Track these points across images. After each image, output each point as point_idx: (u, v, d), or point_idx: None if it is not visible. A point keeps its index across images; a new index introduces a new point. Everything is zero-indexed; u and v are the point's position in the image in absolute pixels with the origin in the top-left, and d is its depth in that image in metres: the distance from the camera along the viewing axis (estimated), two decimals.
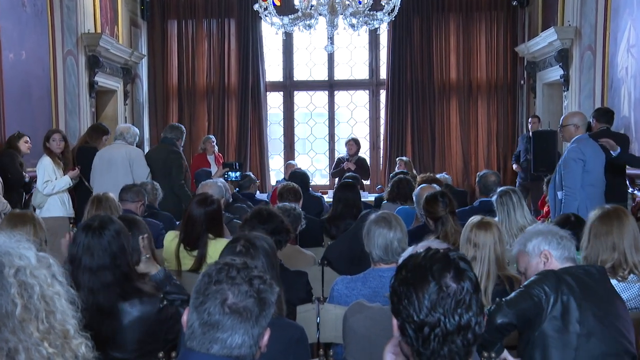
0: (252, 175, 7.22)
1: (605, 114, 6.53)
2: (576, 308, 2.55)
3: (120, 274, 2.67)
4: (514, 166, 9.55)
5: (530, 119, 9.30)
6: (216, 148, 9.33)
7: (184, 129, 7.20)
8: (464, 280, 1.55)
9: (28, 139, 6.29)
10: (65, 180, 6.14)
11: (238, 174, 6.77)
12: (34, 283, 1.41)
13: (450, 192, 4.73)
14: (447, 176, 8.14)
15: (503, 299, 2.69)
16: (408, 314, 1.54)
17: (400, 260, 2.44)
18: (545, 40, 8.90)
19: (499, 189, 4.75)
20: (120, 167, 6.31)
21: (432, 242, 2.58)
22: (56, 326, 1.43)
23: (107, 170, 6.32)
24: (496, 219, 4.55)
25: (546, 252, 2.78)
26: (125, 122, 9.67)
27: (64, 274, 1.51)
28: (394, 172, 8.20)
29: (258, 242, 2.59)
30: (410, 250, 2.49)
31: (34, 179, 6.30)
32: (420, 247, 2.47)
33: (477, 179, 5.85)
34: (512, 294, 2.70)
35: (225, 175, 6.66)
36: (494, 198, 4.70)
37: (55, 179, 6.08)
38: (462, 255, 1.64)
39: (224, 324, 1.57)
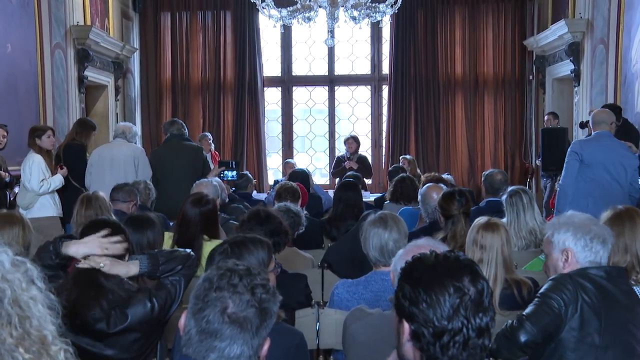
0: (249, 174, 7.21)
1: (612, 111, 6.56)
2: (595, 318, 2.51)
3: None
4: (538, 161, 9.50)
5: (545, 116, 9.26)
6: (212, 146, 9.32)
7: None
8: (480, 282, 1.58)
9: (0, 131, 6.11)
10: (59, 179, 6.11)
11: (234, 173, 6.76)
12: (5, 287, 1.40)
13: None
14: (449, 176, 8.13)
15: (523, 314, 2.62)
16: (427, 319, 1.56)
17: (396, 261, 2.46)
18: (556, 34, 8.90)
19: (509, 189, 4.74)
20: (124, 166, 6.27)
21: (426, 241, 2.58)
22: (32, 332, 1.42)
23: (109, 169, 6.28)
24: (504, 219, 4.55)
25: (568, 251, 2.71)
26: (117, 118, 9.68)
27: (43, 279, 1.51)
28: (392, 167, 8.19)
29: (245, 251, 2.57)
30: (400, 253, 2.50)
31: (16, 178, 6.24)
32: (412, 247, 2.47)
33: (482, 178, 5.85)
34: (531, 307, 2.62)
35: (221, 174, 6.63)
36: (503, 198, 4.70)
37: (49, 177, 6.06)
38: (468, 257, 1.66)
39: (223, 333, 1.57)
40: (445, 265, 1.60)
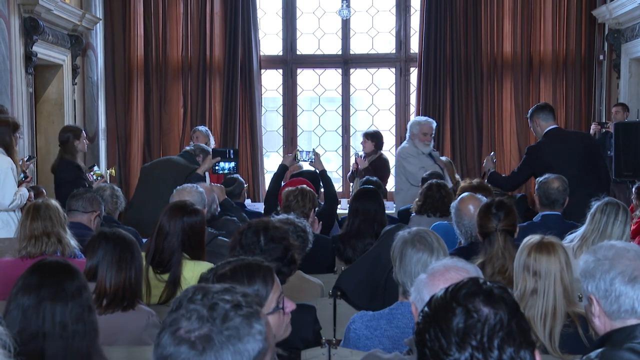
0: (240, 178, 7.13)
1: None
2: None
3: None
4: None
5: (613, 108, 9.24)
6: (213, 144, 9.19)
7: None
8: (497, 304, 1.61)
9: None
10: (26, 194, 6.06)
11: (233, 164, 6.59)
12: None
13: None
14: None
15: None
16: (435, 356, 1.60)
17: (420, 288, 2.49)
18: (636, 1, 8.87)
19: (606, 198, 4.73)
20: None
21: (452, 261, 2.61)
22: None
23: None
24: (580, 231, 4.58)
25: (591, 298, 2.62)
26: (74, 106, 9.72)
27: None
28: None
29: (254, 265, 2.62)
30: (423, 278, 2.53)
31: None
32: (438, 268, 2.51)
33: (536, 186, 5.86)
34: None
35: (216, 167, 6.52)
36: (593, 205, 4.68)
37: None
38: (499, 283, 1.69)
39: (176, 358, 1.66)
40: (454, 290, 1.66)
